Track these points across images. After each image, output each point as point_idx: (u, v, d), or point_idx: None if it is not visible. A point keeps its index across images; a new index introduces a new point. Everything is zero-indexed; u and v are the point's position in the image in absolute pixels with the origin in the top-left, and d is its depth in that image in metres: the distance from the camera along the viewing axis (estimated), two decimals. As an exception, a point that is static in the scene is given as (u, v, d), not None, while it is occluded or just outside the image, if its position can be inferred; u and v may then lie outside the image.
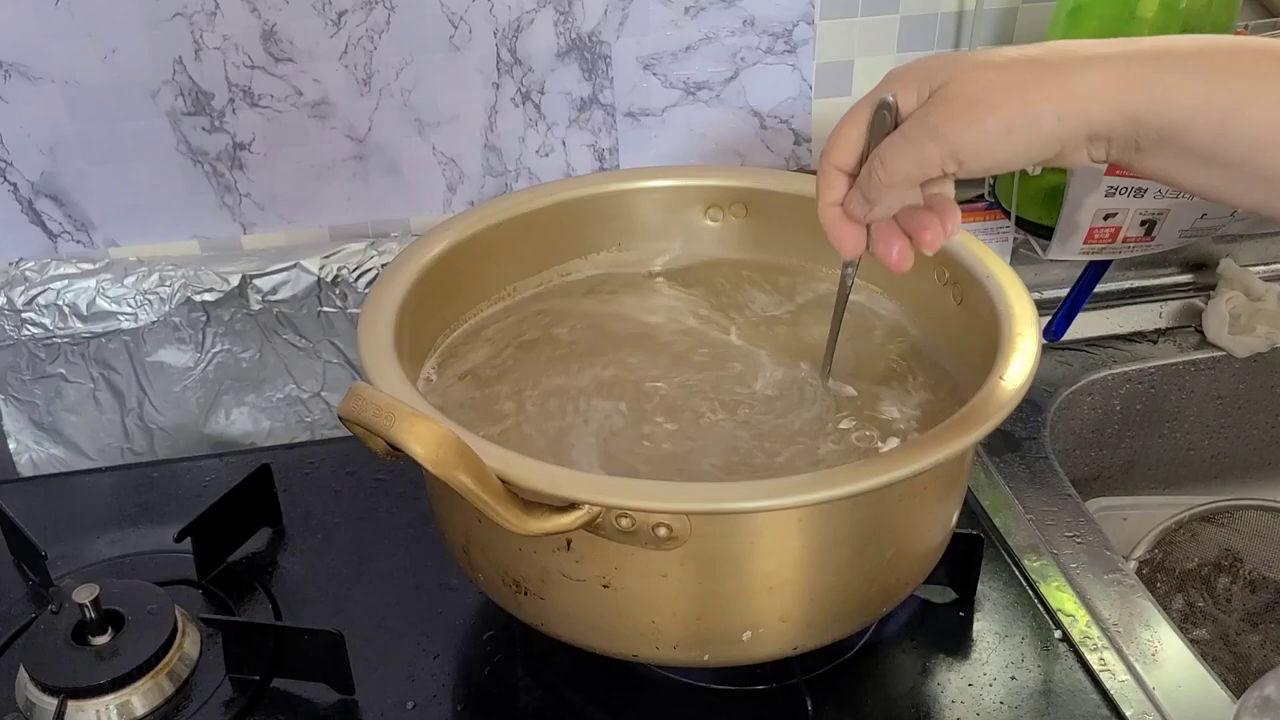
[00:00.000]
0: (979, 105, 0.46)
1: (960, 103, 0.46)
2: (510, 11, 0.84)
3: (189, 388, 0.88)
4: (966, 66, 0.47)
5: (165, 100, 0.83)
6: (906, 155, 0.48)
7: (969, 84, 0.46)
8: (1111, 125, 0.46)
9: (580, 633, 0.58)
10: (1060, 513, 0.78)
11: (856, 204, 0.51)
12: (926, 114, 0.47)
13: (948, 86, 0.47)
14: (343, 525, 0.77)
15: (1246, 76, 0.44)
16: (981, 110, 0.46)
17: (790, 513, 0.52)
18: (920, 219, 0.52)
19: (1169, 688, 0.65)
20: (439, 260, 0.67)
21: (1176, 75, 0.45)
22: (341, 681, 0.64)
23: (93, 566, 0.73)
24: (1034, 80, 0.46)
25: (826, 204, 0.53)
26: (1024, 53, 0.47)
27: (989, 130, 0.46)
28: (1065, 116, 0.45)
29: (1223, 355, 0.95)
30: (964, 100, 0.46)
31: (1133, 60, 0.45)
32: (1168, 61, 0.45)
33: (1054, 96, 0.45)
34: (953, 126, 0.46)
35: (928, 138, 0.47)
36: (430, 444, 0.47)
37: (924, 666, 0.66)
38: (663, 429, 0.62)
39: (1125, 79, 0.45)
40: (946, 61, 0.48)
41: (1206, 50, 0.45)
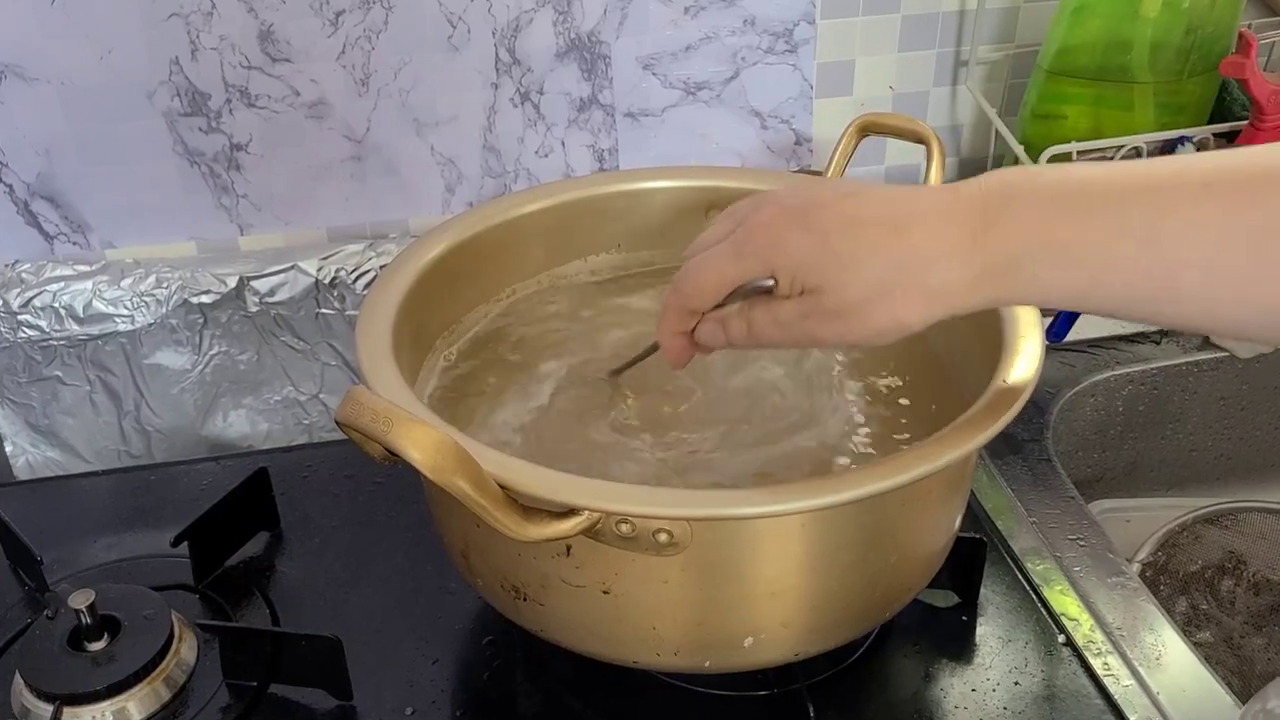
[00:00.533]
0: (851, 320, 0.49)
1: (831, 314, 0.49)
2: (509, 11, 0.84)
3: (186, 390, 0.87)
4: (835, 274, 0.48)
5: (162, 101, 0.82)
6: (784, 340, 0.51)
7: (839, 297, 0.48)
8: (978, 308, 0.48)
9: (580, 639, 0.57)
10: (1063, 515, 0.77)
11: (714, 339, 0.53)
12: (803, 318, 0.50)
13: (820, 295, 0.48)
14: (341, 529, 0.76)
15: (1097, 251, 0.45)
16: (852, 323, 0.49)
17: (792, 518, 0.52)
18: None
19: (1173, 692, 0.64)
20: (438, 262, 0.67)
21: (1030, 269, 0.46)
22: (340, 687, 0.63)
23: (89, 571, 0.73)
24: (898, 287, 0.48)
25: (673, 332, 0.54)
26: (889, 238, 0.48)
27: (861, 336, 0.49)
28: (930, 316, 0.48)
29: (1226, 356, 0.95)
30: (835, 312, 0.49)
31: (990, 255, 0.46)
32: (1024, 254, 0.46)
33: (918, 304, 0.48)
34: (827, 334, 0.50)
35: (804, 337, 0.50)
36: (428, 449, 0.46)
37: (927, 672, 0.66)
38: (663, 433, 0.62)
39: (983, 278, 0.47)
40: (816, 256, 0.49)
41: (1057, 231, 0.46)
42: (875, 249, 0.48)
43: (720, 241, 0.52)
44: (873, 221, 0.48)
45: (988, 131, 0.96)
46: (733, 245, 0.51)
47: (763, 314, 0.51)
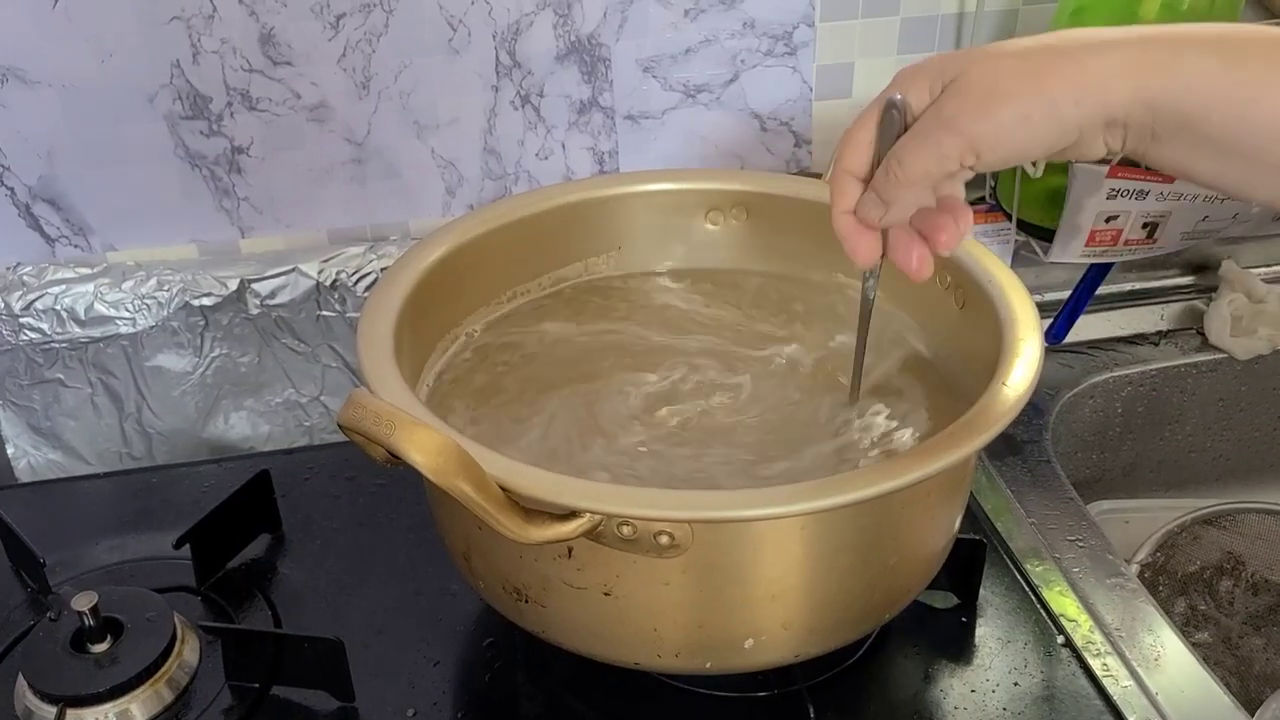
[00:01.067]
0: (994, 95, 0.45)
1: (975, 94, 0.46)
2: (509, 14, 0.84)
3: (187, 392, 0.88)
4: (979, 58, 0.46)
5: (163, 104, 0.82)
6: (924, 152, 0.47)
7: (982, 75, 0.46)
8: (1129, 111, 0.45)
9: (581, 641, 0.57)
10: (1062, 516, 0.77)
11: (871, 207, 0.50)
12: (940, 108, 0.47)
13: (960, 79, 0.46)
14: (342, 531, 0.76)
15: (1265, 63, 0.44)
16: (997, 99, 0.45)
17: (793, 520, 0.52)
18: (934, 221, 0.52)
19: (1172, 692, 0.64)
20: (439, 264, 0.67)
21: (1194, 61, 0.44)
22: (341, 689, 0.64)
23: (91, 573, 0.73)
24: (1049, 67, 0.45)
25: (840, 211, 0.51)
26: (1038, 41, 0.47)
27: (1005, 119, 0.45)
28: (1083, 101, 0.45)
29: (1224, 357, 0.95)
30: (978, 91, 0.45)
31: (1149, 45, 0.45)
32: (1185, 47, 0.44)
33: (1071, 82, 0.45)
34: (968, 118, 0.46)
35: (944, 131, 0.46)
36: (431, 452, 0.47)
37: (926, 673, 0.66)
38: (665, 436, 0.62)
39: (1142, 64, 0.44)
40: (958, 56, 0.47)
41: (1224, 37, 0.45)
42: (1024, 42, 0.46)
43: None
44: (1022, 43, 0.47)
45: (987, 133, 0.96)
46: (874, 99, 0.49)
47: (904, 137, 0.48)
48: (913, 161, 0.48)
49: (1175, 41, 0.45)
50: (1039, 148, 0.46)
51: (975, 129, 0.46)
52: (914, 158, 0.48)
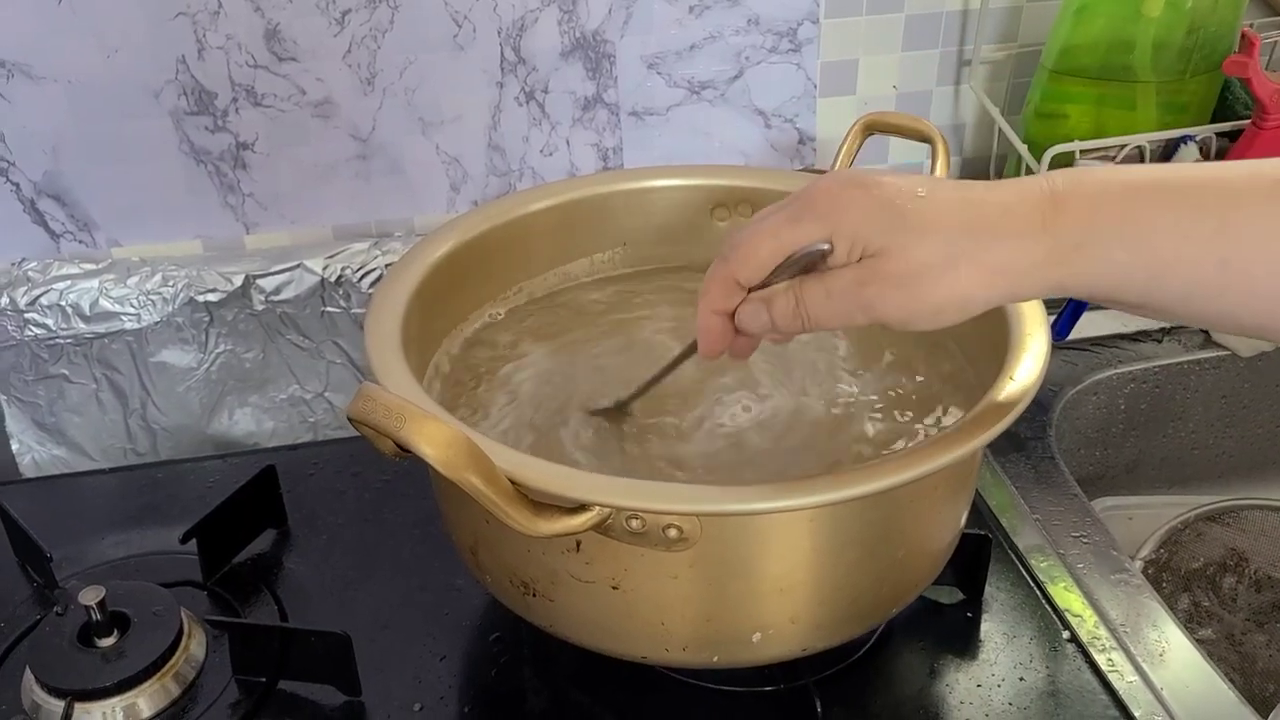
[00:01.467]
0: (910, 289, 0.47)
1: (893, 281, 0.47)
2: (514, 10, 0.84)
3: (192, 388, 0.88)
4: (901, 237, 0.46)
5: (168, 100, 0.82)
6: (832, 315, 0.49)
7: (903, 263, 0.46)
8: (1038, 295, 0.48)
9: (589, 634, 0.57)
10: (1066, 512, 0.77)
11: (756, 322, 0.50)
12: (860, 285, 0.47)
13: (881, 260, 0.47)
14: (347, 526, 0.77)
15: (1170, 235, 0.45)
16: (914, 295, 0.47)
17: (801, 514, 0.52)
18: None
19: (1177, 688, 0.64)
20: (445, 260, 0.67)
21: (1101, 249, 0.45)
22: (348, 683, 0.64)
23: (97, 568, 0.73)
24: (964, 262, 0.46)
25: (712, 310, 0.51)
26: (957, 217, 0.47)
27: (918, 311, 0.47)
28: (992, 299, 0.47)
29: (1227, 354, 0.95)
30: (896, 279, 0.47)
31: (1059, 236, 0.46)
32: (1095, 234, 0.45)
33: (982, 281, 0.46)
34: (885, 307, 0.47)
35: (858, 309, 0.48)
36: (440, 445, 0.47)
37: (932, 667, 0.66)
38: (671, 432, 0.62)
39: (1050, 259, 0.46)
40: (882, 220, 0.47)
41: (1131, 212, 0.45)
42: (945, 214, 0.46)
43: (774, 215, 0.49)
44: (943, 193, 0.47)
45: (990, 131, 0.97)
46: (789, 211, 0.48)
47: (813, 287, 0.48)
48: (818, 316, 0.49)
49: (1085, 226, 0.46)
50: (945, 325, 0.48)
51: (889, 316, 0.48)
52: (821, 314, 0.49)
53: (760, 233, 0.49)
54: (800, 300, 0.49)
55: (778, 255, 0.49)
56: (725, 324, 0.52)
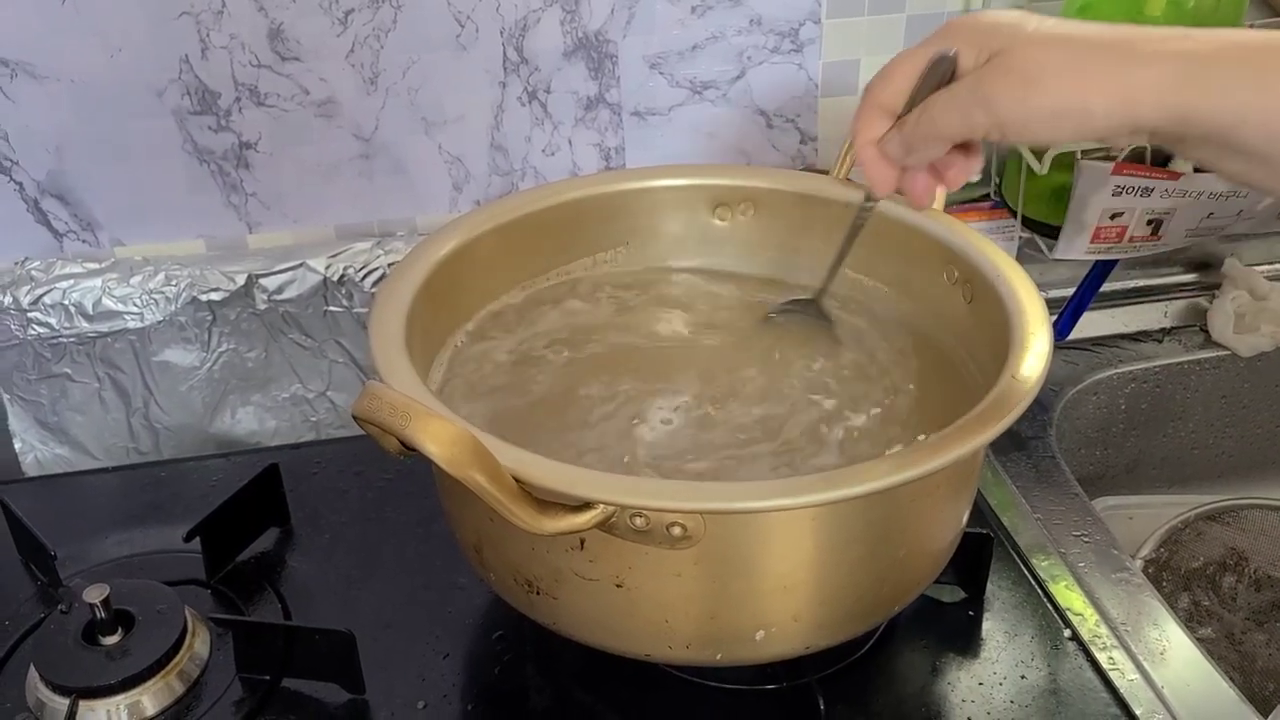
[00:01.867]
0: (1033, 85, 0.46)
1: (1015, 78, 0.47)
2: (517, 10, 0.84)
3: (195, 387, 0.88)
4: (1029, 39, 0.47)
5: (171, 99, 0.82)
6: (954, 117, 0.49)
7: (1027, 59, 0.47)
8: (1158, 124, 0.46)
9: (592, 632, 0.58)
10: (1067, 512, 0.78)
11: (895, 147, 0.53)
12: (980, 81, 0.48)
13: (1006, 56, 0.47)
14: (350, 525, 0.77)
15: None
16: (1036, 91, 0.47)
17: (804, 512, 0.52)
18: (947, 159, 0.54)
19: (1177, 686, 0.65)
20: (448, 259, 0.67)
21: (1230, 78, 0.45)
22: (352, 681, 0.64)
23: (101, 566, 0.73)
24: (1090, 68, 0.46)
25: (865, 141, 0.54)
26: (1084, 32, 0.47)
27: (1038, 111, 0.47)
28: (1114, 112, 0.46)
29: (1227, 354, 0.96)
30: (1019, 75, 0.47)
31: (1189, 60, 0.45)
32: (1222, 63, 0.45)
33: (1106, 90, 0.46)
34: (1004, 101, 0.47)
35: (978, 106, 0.48)
36: (446, 443, 0.47)
37: (934, 666, 0.66)
38: (674, 429, 0.62)
39: (1179, 81, 0.45)
40: (1010, 26, 0.48)
41: (1263, 50, 0.45)
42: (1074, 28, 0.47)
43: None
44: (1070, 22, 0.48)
45: (991, 131, 0.97)
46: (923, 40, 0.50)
47: (939, 94, 0.49)
48: (943, 123, 0.50)
49: (1213, 56, 0.46)
50: (1060, 141, 0.50)
51: (1008, 113, 0.47)
52: (944, 119, 0.50)
53: (895, 57, 0.51)
54: (925, 108, 0.50)
55: (911, 71, 0.50)
56: (881, 155, 0.54)
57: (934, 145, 0.52)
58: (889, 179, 0.55)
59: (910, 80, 0.51)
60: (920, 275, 0.68)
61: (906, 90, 0.51)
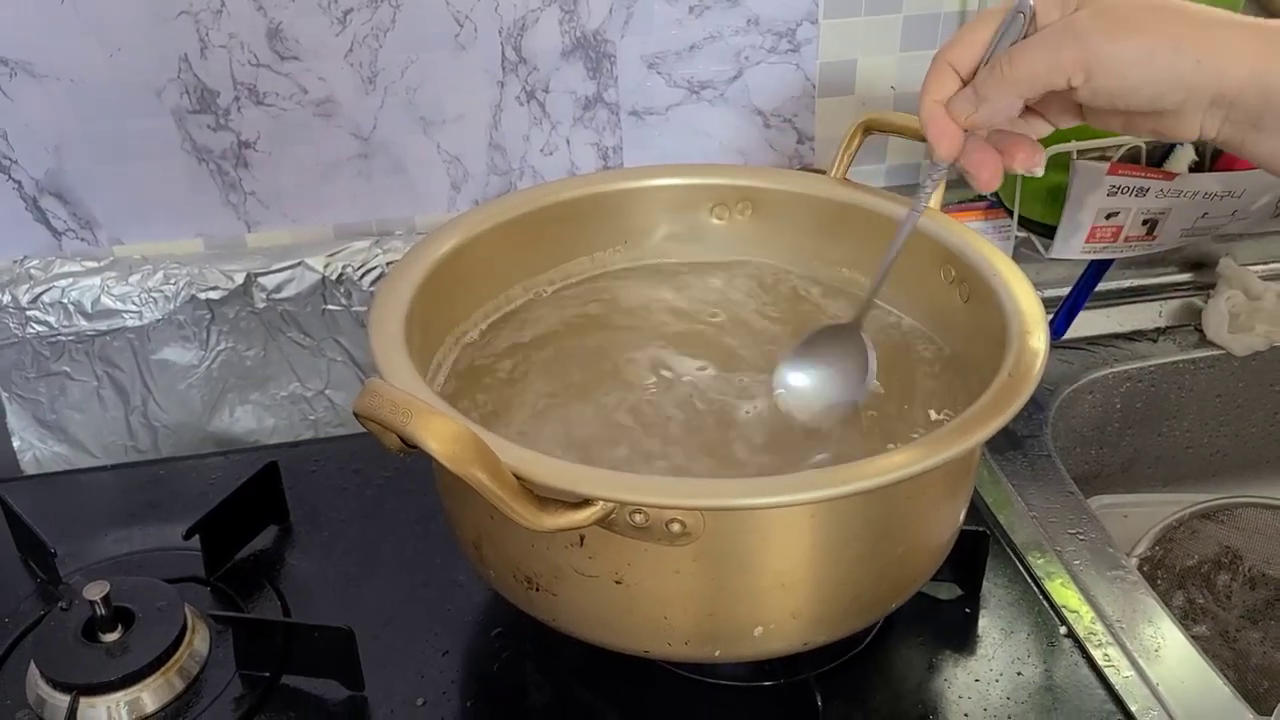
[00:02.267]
0: (1128, 24, 0.46)
1: (1109, 17, 0.46)
2: (515, 10, 0.84)
3: (193, 386, 0.88)
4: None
5: (170, 98, 0.83)
6: (1041, 54, 0.48)
7: (1118, 5, 0.47)
8: (1242, 90, 0.46)
9: (592, 629, 0.58)
10: (1063, 510, 0.78)
11: (964, 102, 0.50)
12: (1072, 20, 0.47)
13: (1096, 3, 0.47)
14: (349, 523, 0.77)
15: None
16: (1130, 29, 0.46)
17: (803, 509, 0.53)
18: (1014, 140, 0.53)
19: (1172, 683, 0.65)
20: (448, 258, 0.67)
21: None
22: (351, 678, 0.64)
23: (100, 564, 0.73)
24: (1184, 22, 0.46)
25: (932, 99, 0.51)
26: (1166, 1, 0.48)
27: (1130, 49, 0.46)
28: (1204, 62, 0.46)
29: (1222, 354, 0.96)
30: (1113, 16, 0.46)
31: (1274, 33, 0.46)
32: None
33: (1199, 43, 0.46)
34: (1097, 36, 0.47)
35: (1069, 39, 0.47)
36: (447, 440, 0.47)
37: (931, 662, 0.66)
38: (671, 428, 0.63)
39: (1266, 49, 0.46)
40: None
41: None
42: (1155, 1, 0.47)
43: None
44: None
45: (987, 131, 0.97)
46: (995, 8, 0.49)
47: (1025, 41, 0.48)
48: (1026, 61, 0.48)
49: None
50: (1146, 92, 0.47)
51: (1099, 48, 0.47)
52: (1028, 58, 0.48)
53: (969, 22, 0.51)
54: (1008, 53, 0.48)
55: (987, 29, 0.49)
56: (943, 115, 0.51)
57: (1010, 91, 0.49)
58: (953, 141, 0.51)
59: (985, 39, 0.49)
60: (917, 274, 0.68)
61: (981, 49, 0.49)
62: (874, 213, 0.71)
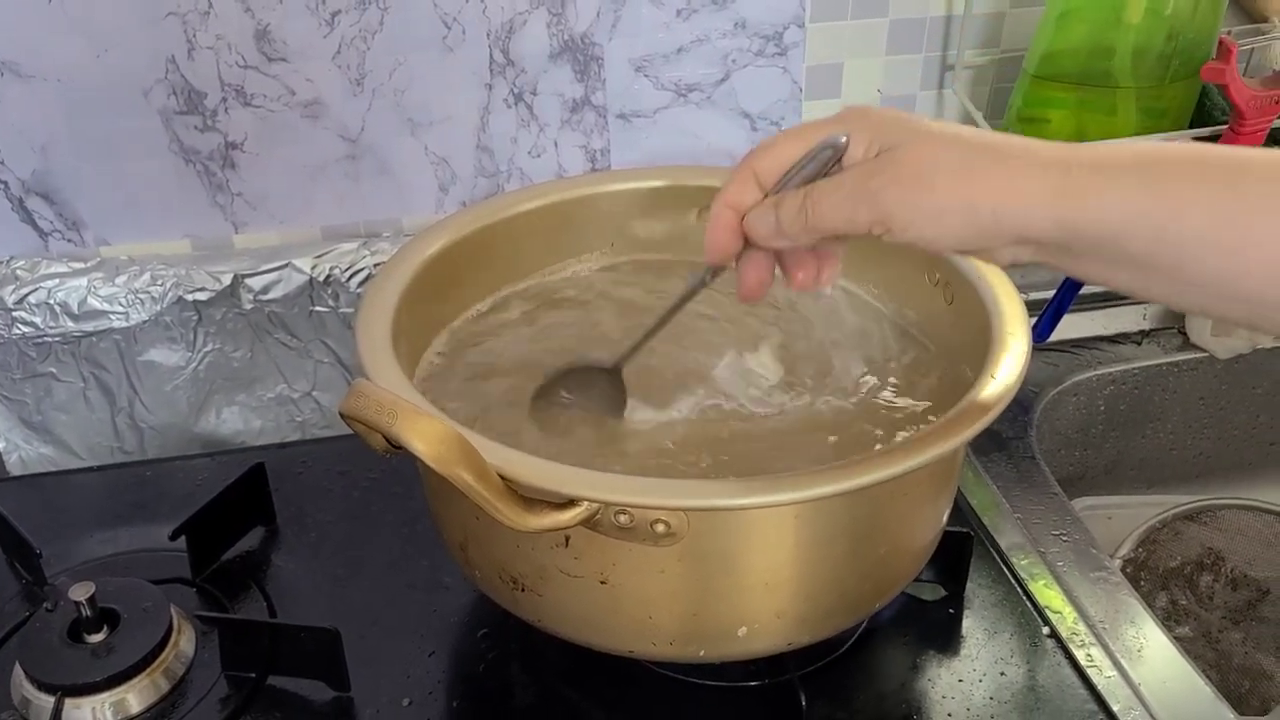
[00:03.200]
0: (921, 183, 0.46)
1: (905, 174, 0.46)
2: (503, 13, 0.85)
3: (180, 387, 0.88)
4: (922, 137, 0.47)
5: (158, 99, 0.83)
6: (839, 210, 0.48)
7: (918, 157, 0.46)
8: (1044, 231, 0.46)
9: (577, 629, 0.58)
10: (1047, 511, 0.78)
11: (763, 225, 0.50)
12: (869, 175, 0.47)
13: (897, 151, 0.47)
14: (336, 524, 0.77)
15: (1184, 182, 0.44)
16: (922, 187, 0.46)
17: (786, 509, 0.53)
18: (799, 257, 0.53)
19: (1154, 684, 0.66)
20: (434, 259, 0.68)
21: (1117, 184, 0.45)
22: (338, 678, 0.64)
23: (86, 565, 0.73)
24: (980, 170, 0.46)
25: (724, 203, 0.51)
26: (979, 137, 0.47)
27: (924, 209, 0.46)
28: (1001, 215, 0.46)
29: (1205, 357, 0.97)
30: (909, 172, 0.46)
31: (1074, 167, 0.45)
32: (1108, 170, 0.45)
33: (994, 193, 0.45)
34: (890, 196, 0.47)
35: (863, 201, 0.47)
36: (432, 441, 0.47)
37: (915, 663, 0.67)
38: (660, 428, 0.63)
39: (1065, 186, 0.45)
40: (905, 124, 0.48)
41: (1144, 159, 0.45)
42: (967, 133, 0.47)
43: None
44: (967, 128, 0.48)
45: (973, 135, 0.98)
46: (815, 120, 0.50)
47: (823, 183, 0.48)
48: (825, 213, 0.48)
49: (1098, 165, 0.45)
50: (947, 243, 0.47)
51: (893, 210, 0.47)
52: (828, 211, 0.48)
53: (784, 131, 0.50)
54: (808, 195, 0.48)
55: (797, 148, 0.49)
56: (734, 224, 0.51)
57: (809, 235, 0.49)
58: (729, 249, 0.52)
59: (795, 155, 0.49)
60: (902, 277, 0.69)
61: (788, 164, 0.49)
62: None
